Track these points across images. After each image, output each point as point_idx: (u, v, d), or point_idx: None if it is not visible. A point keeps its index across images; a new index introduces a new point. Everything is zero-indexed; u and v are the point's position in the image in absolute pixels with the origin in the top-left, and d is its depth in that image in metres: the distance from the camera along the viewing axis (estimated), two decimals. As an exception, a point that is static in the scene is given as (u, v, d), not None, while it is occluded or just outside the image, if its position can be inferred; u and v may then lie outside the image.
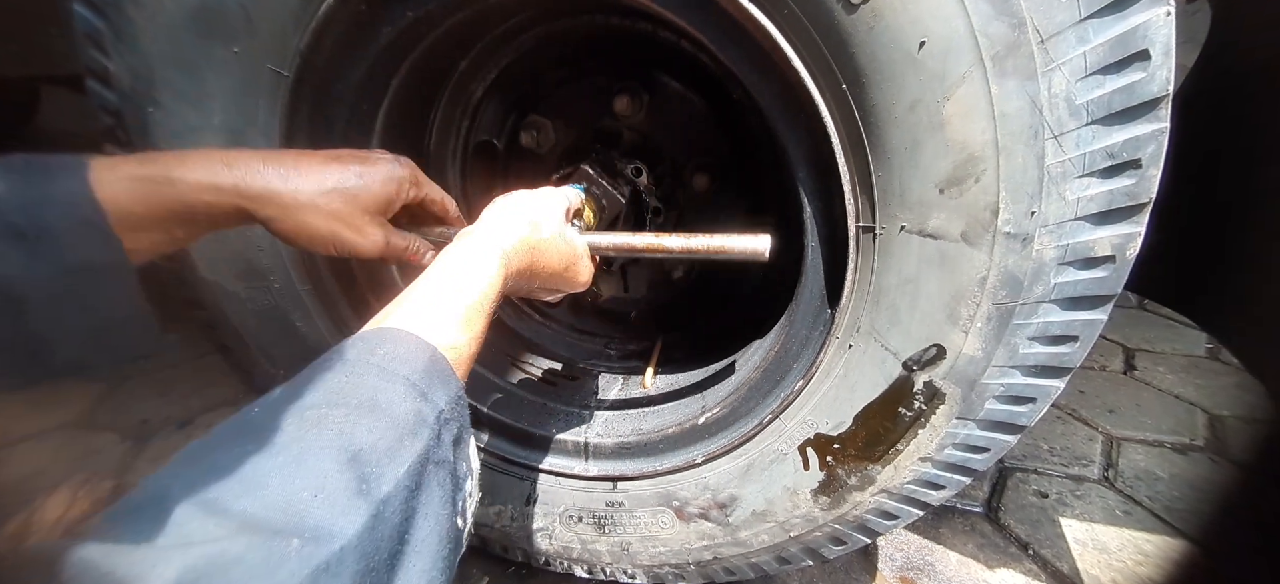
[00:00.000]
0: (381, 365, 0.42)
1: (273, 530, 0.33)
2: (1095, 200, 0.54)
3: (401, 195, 0.65)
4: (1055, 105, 0.52)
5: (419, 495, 0.40)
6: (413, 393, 0.42)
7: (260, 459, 0.35)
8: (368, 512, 0.36)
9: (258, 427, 0.38)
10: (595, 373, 1.08)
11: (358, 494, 0.36)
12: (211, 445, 0.37)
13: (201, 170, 0.52)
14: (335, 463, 0.36)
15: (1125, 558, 1.11)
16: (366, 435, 0.38)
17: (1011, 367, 0.64)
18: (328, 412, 0.39)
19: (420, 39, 0.82)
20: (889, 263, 0.65)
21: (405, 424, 0.41)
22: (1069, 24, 0.49)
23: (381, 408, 0.40)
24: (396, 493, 0.38)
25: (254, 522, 0.32)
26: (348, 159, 0.61)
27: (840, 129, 0.62)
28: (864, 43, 0.56)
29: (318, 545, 0.33)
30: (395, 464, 0.39)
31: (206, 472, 0.35)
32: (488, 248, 0.57)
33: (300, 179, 0.57)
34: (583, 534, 0.93)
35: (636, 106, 1.02)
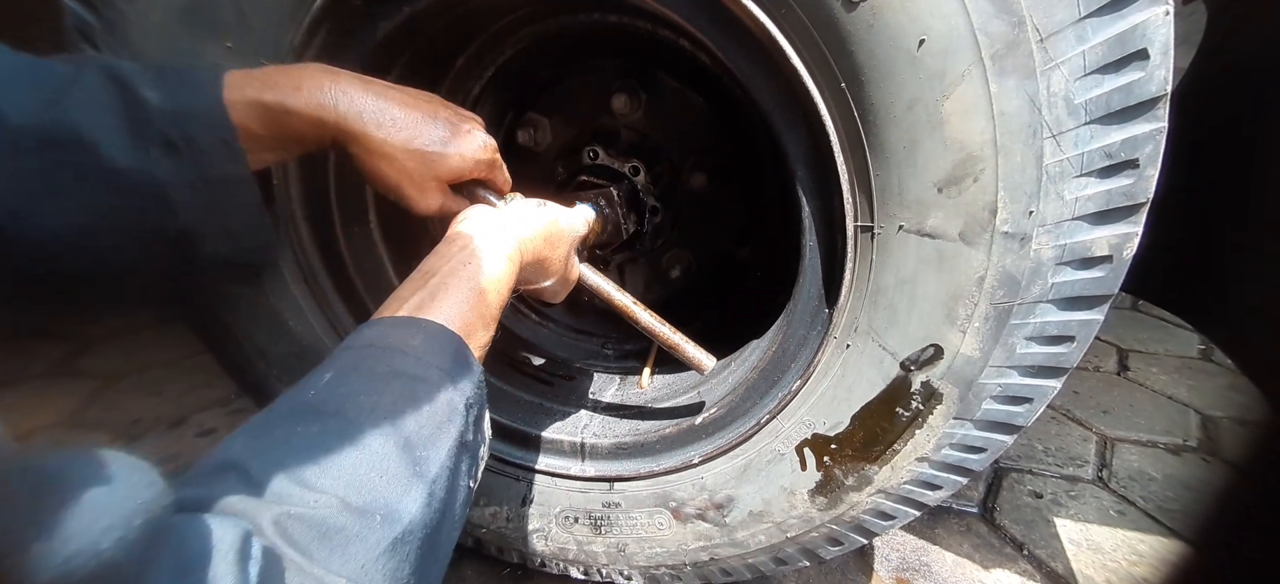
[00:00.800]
0: (418, 356, 0.47)
1: (359, 507, 0.37)
2: (1093, 200, 0.54)
3: (472, 173, 0.68)
4: (1054, 104, 0.52)
5: (455, 475, 0.45)
6: (447, 383, 0.47)
7: (328, 440, 0.39)
8: (424, 491, 0.41)
9: (316, 410, 0.41)
10: (592, 373, 1.08)
11: (415, 476, 0.41)
12: (273, 422, 0.41)
13: (312, 101, 0.57)
14: (394, 447, 0.41)
15: (1119, 558, 1.12)
16: (413, 422, 0.43)
17: (1009, 367, 0.64)
18: (378, 399, 0.43)
19: (416, 35, 0.81)
20: (887, 262, 0.65)
21: (442, 412, 0.45)
22: (1068, 23, 0.49)
23: (421, 397, 0.44)
24: (441, 474, 0.43)
25: (341, 498, 0.37)
26: (441, 120, 0.64)
27: (839, 127, 0.62)
28: (863, 41, 0.56)
29: (393, 521, 0.38)
30: (438, 449, 0.44)
31: (281, 447, 0.38)
32: (509, 244, 0.60)
33: (391, 129, 0.60)
34: (579, 535, 0.93)
35: (634, 105, 1.02)
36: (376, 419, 0.41)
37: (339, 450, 0.39)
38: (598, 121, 1.07)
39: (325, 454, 0.38)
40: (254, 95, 0.54)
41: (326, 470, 0.37)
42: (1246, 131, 0.88)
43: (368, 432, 0.41)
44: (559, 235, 0.71)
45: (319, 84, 0.57)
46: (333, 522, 0.35)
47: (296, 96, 0.55)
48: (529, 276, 0.68)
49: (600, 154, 1.02)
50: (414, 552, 0.40)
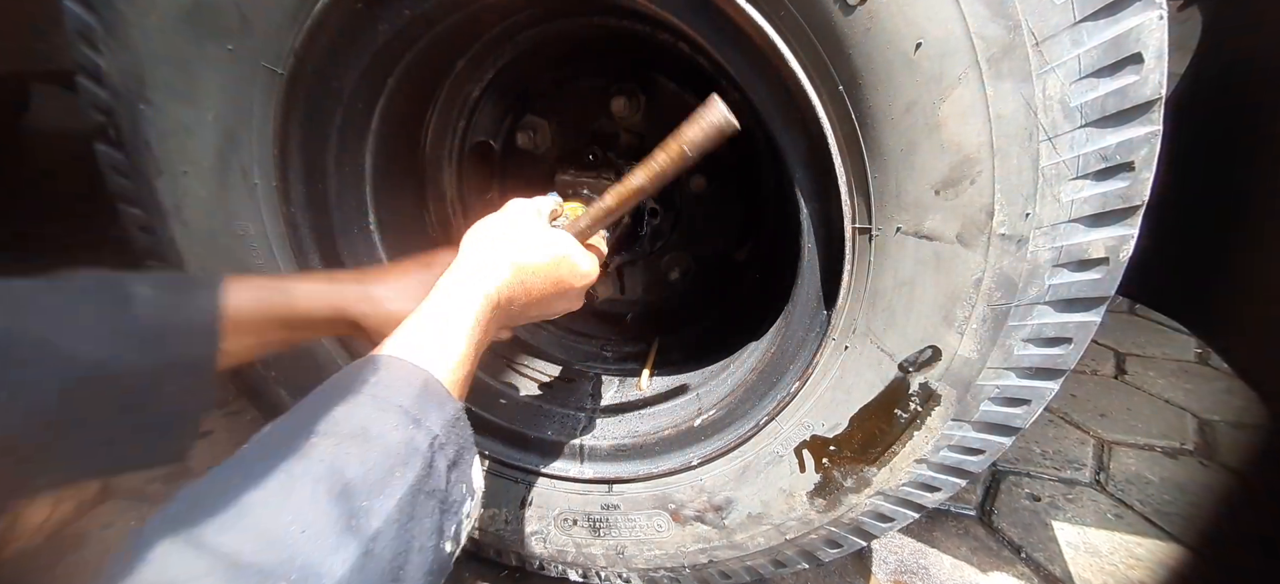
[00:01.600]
0: (373, 393, 0.42)
1: (261, 571, 0.31)
2: (1089, 202, 0.55)
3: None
4: (1050, 107, 0.52)
5: (411, 527, 0.39)
6: (405, 420, 0.42)
7: (247, 491, 0.34)
8: (358, 549, 0.35)
9: (247, 459, 0.37)
10: (591, 375, 1.08)
11: (347, 530, 0.35)
12: (203, 481, 0.36)
13: (308, 283, 0.60)
14: (324, 495, 0.35)
15: (1117, 561, 1.12)
16: (357, 467, 0.38)
17: (1006, 368, 0.64)
18: (317, 442, 0.38)
19: (417, 38, 0.81)
20: (885, 264, 0.65)
21: (397, 454, 0.40)
22: (1064, 27, 0.50)
23: (372, 437, 0.39)
24: (387, 527, 0.37)
25: (238, 559, 0.31)
26: (417, 260, 0.71)
27: (837, 130, 0.62)
28: (861, 44, 0.56)
29: (311, 581, 0.32)
30: (386, 497, 0.38)
31: (191, 506, 0.34)
32: (469, 284, 0.56)
33: (385, 279, 0.66)
34: (578, 538, 0.93)
35: (633, 108, 1.02)
36: (311, 463, 0.37)
37: (256, 503, 0.34)
38: (597, 124, 1.07)
39: (239, 510, 0.34)
40: (257, 281, 0.57)
41: (232, 526, 0.33)
42: (1241, 136, 0.88)
43: (296, 477, 0.36)
44: (522, 240, 0.64)
45: (320, 275, 0.61)
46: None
47: (301, 283, 0.59)
48: (528, 313, 0.66)
49: (600, 156, 1.02)
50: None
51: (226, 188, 0.79)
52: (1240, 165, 0.88)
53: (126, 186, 0.81)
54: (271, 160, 0.77)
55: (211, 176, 0.78)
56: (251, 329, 0.57)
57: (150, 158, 0.78)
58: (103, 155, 0.80)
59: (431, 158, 1.03)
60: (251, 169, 0.78)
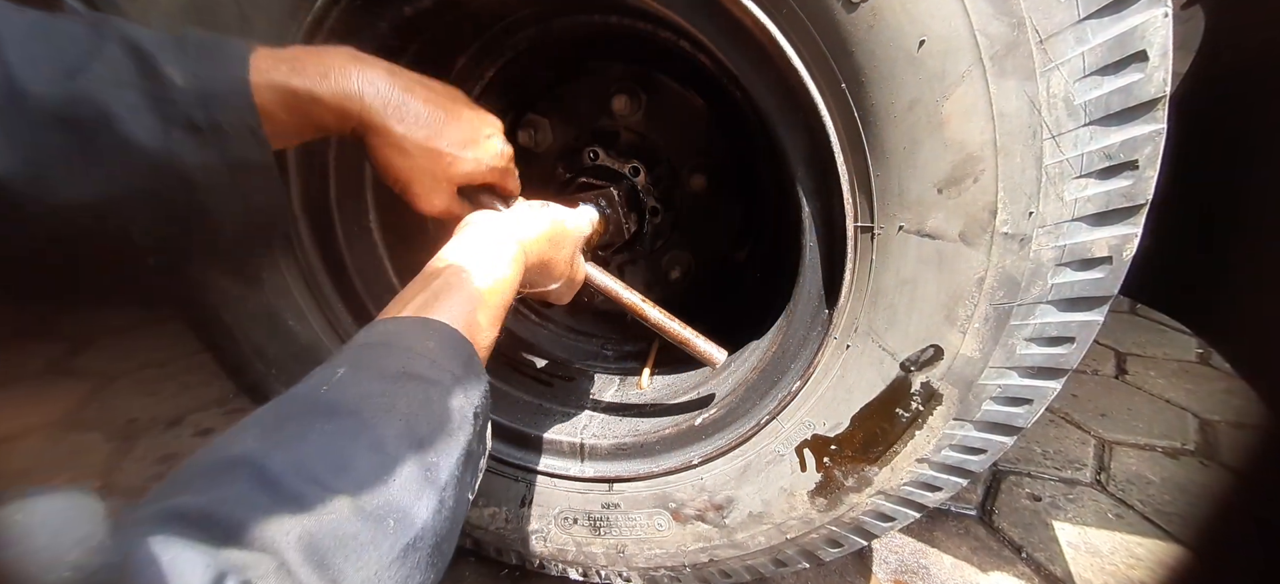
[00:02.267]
0: (432, 358, 0.46)
1: (373, 510, 0.37)
2: (1093, 201, 0.55)
3: (484, 179, 0.68)
4: (1054, 105, 0.52)
5: (462, 482, 0.45)
6: (458, 388, 0.47)
7: (343, 441, 0.39)
8: (435, 498, 0.41)
9: (331, 407, 0.41)
10: (591, 374, 1.08)
11: (426, 482, 0.41)
12: (286, 417, 0.40)
13: (339, 90, 0.56)
14: (408, 451, 0.40)
15: (1117, 561, 1.12)
16: (426, 427, 0.43)
17: (1009, 368, 0.64)
18: (393, 401, 0.42)
19: (417, 34, 0.81)
20: (887, 263, 0.65)
21: (453, 419, 0.45)
22: (1068, 24, 0.50)
23: (434, 402, 0.44)
24: (450, 481, 0.43)
25: (355, 501, 0.36)
26: (463, 121, 0.64)
27: (839, 128, 0.62)
28: (863, 41, 0.56)
29: (406, 526, 0.38)
30: (448, 456, 0.43)
31: (296, 444, 0.38)
32: (514, 247, 0.61)
33: (412, 124, 0.60)
34: (578, 536, 0.92)
35: (634, 106, 1.02)
36: (392, 421, 0.41)
37: (354, 451, 0.38)
38: (598, 123, 1.07)
39: (340, 455, 0.38)
40: (281, 80, 0.53)
41: (342, 471, 0.37)
42: (1245, 136, 0.88)
43: (383, 433, 0.40)
44: (563, 237, 0.71)
45: (346, 71, 0.56)
46: (347, 529, 0.35)
47: (324, 84, 0.55)
48: (534, 280, 0.68)
49: (600, 155, 1.02)
50: (424, 559, 0.40)
51: (226, 185, 0.78)
52: (1243, 165, 0.88)
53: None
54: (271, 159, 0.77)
55: (211, 174, 0.78)
56: (284, 133, 0.55)
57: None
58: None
59: (432, 156, 1.03)
60: (251, 167, 0.77)
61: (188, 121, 0.49)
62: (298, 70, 0.54)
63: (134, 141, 0.47)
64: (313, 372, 0.44)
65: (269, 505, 0.34)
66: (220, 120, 0.50)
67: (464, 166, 0.64)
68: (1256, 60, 0.86)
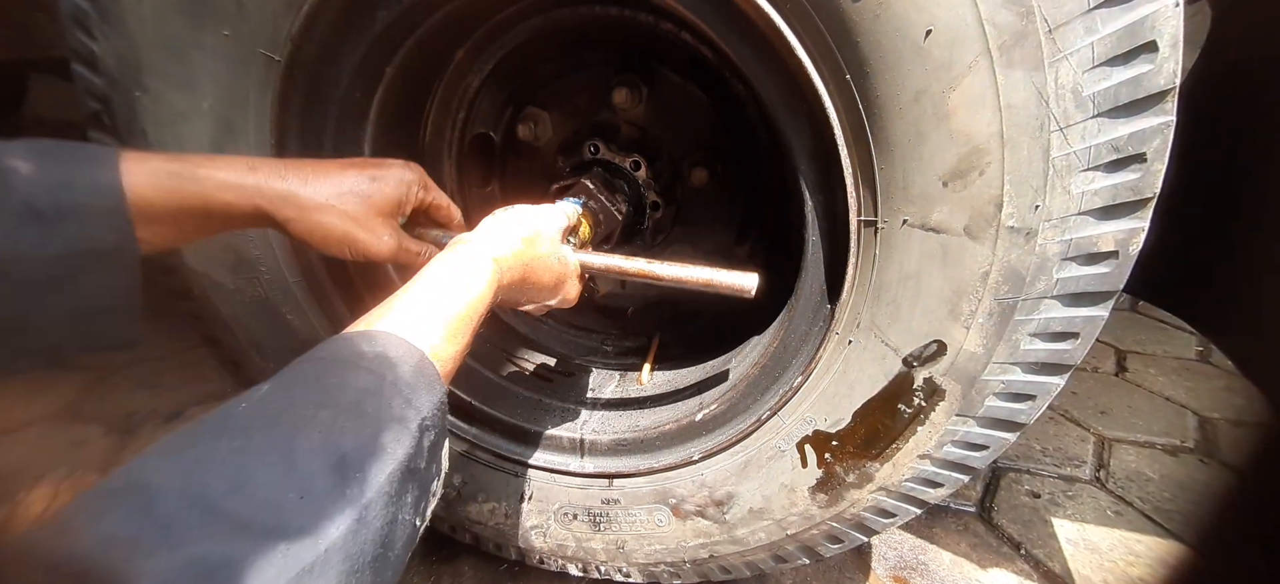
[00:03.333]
0: (371, 369, 0.43)
1: (260, 531, 0.33)
2: (1100, 194, 0.54)
3: (411, 198, 0.67)
4: (1062, 97, 0.52)
5: (397, 501, 0.41)
6: (398, 399, 0.43)
7: (247, 458, 0.36)
8: (352, 515, 0.37)
9: (245, 423, 0.38)
10: (591, 369, 1.07)
11: (343, 499, 0.37)
12: (194, 438, 0.37)
13: (225, 171, 0.54)
14: (321, 465, 0.37)
15: (1116, 558, 1.12)
16: (352, 440, 0.39)
17: (1012, 363, 0.63)
18: (315, 413, 0.39)
19: (416, 26, 0.80)
20: (891, 257, 0.64)
21: (390, 430, 0.41)
22: (1078, 14, 0.49)
23: (367, 413, 0.41)
24: (377, 498, 0.39)
25: (242, 522, 0.33)
26: (361, 165, 0.64)
27: (843, 120, 0.61)
28: (869, 31, 0.55)
29: (303, 548, 0.34)
30: (378, 470, 0.39)
31: (193, 465, 0.35)
32: (482, 259, 0.58)
33: (317, 182, 0.59)
34: (578, 532, 0.92)
35: (635, 99, 1.01)
36: (309, 433, 0.38)
37: (256, 468, 0.35)
38: (598, 116, 1.06)
39: (239, 472, 0.35)
40: (157, 165, 0.51)
41: (236, 491, 0.34)
42: (1250, 132, 0.87)
43: (295, 447, 0.37)
44: (538, 236, 0.68)
45: (232, 158, 0.56)
46: (220, 554, 0.32)
47: (207, 166, 0.54)
48: (524, 295, 0.67)
49: (601, 148, 1.01)
50: (338, 579, 0.36)
51: (223, 177, 0.78)
52: (1248, 161, 0.87)
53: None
54: (268, 149, 0.76)
55: (208, 165, 0.77)
56: (162, 218, 0.52)
57: (146, 146, 0.77)
58: (98, 143, 0.78)
59: (431, 149, 1.02)
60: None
61: (29, 210, 0.46)
62: (178, 158, 0.53)
63: None
64: (242, 393, 0.42)
65: (143, 538, 0.31)
66: (72, 205, 0.48)
67: (385, 190, 0.64)
68: (1263, 56, 0.85)
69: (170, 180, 0.51)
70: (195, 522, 0.32)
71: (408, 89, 0.89)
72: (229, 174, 0.54)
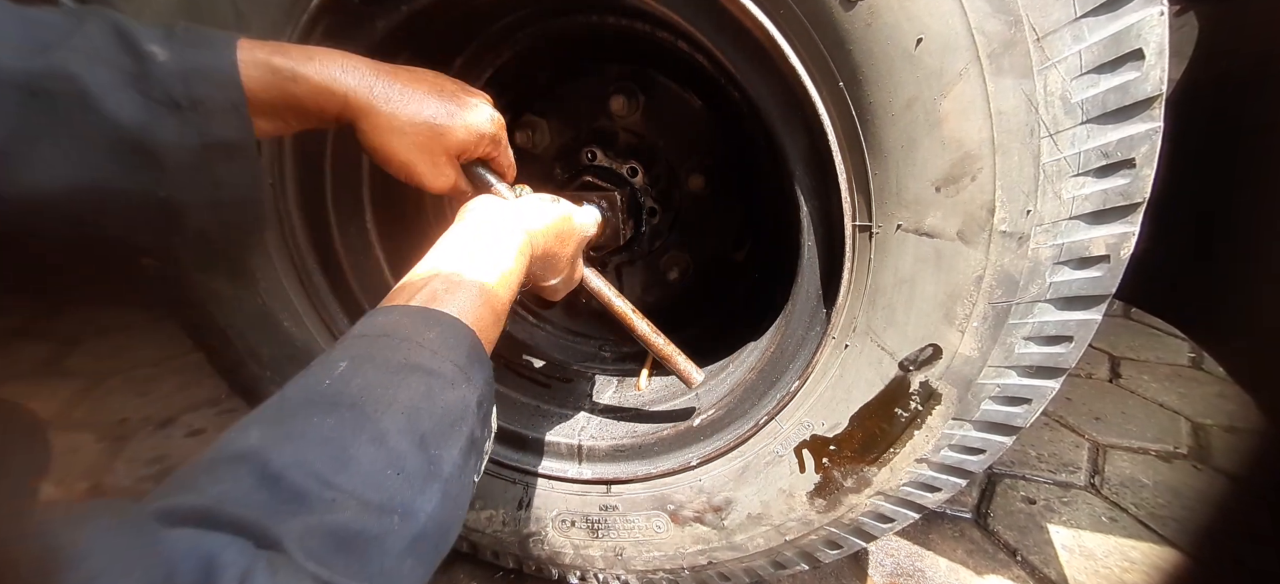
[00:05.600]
0: (434, 349, 0.46)
1: (377, 506, 0.37)
2: (1090, 199, 0.55)
3: (480, 148, 0.67)
4: (1051, 103, 0.53)
5: (465, 471, 0.45)
6: (460, 378, 0.46)
7: (345, 436, 0.38)
8: (439, 490, 0.41)
9: (333, 400, 0.40)
10: (589, 375, 1.07)
11: (430, 475, 0.41)
12: (289, 411, 0.40)
13: (323, 72, 0.55)
14: (410, 444, 0.40)
15: (1111, 564, 1.12)
16: (428, 419, 0.42)
17: (1007, 367, 0.64)
18: (395, 394, 0.42)
19: (414, 35, 0.81)
20: (885, 262, 0.65)
21: (456, 409, 0.45)
22: (1065, 22, 0.50)
23: (436, 393, 0.44)
24: (454, 472, 0.43)
25: (358, 496, 0.36)
26: (448, 94, 0.64)
27: (837, 127, 0.62)
28: (861, 39, 0.56)
29: (410, 520, 0.38)
30: (451, 446, 0.43)
31: (299, 440, 0.37)
32: (522, 240, 0.61)
33: (399, 102, 0.59)
34: (576, 539, 0.92)
35: (632, 107, 1.02)
36: (394, 414, 0.41)
37: (357, 445, 0.38)
38: (596, 123, 1.07)
39: (343, 449, 0.38)
40: (264, 58, 0.53)
41: (345, 467, 0.37)
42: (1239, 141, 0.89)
43: (385, 427, 0.40)
44: (569, 232, 0.71)
45: (329, 57, 0.56)
46: (353, 525, 0.35)
47: (308, 65, 0.55)
48: (536, 272, 0.68)
49: (599, 155, 1.02)
50: (430, 550, 0.40)
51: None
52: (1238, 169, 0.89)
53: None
54: (268, 157, 0.76)
55: (206, 171, 0.77)
56: (270, 111, 0.55)
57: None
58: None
59: (429, 156, 1.02)
60: (247, 164, 0.77)
61: (168, 97, 0.48)
62: (281, 51, 0.54)
63: (108, 117, 0.46)
64: (313, 363, 0.44)
65: (271, 503, 0.33)
66: (203, 97, 0.50)
67: (457, 134, 0.63)
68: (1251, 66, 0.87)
69: (274, 78, 0.53)
70: (319, 493, 0.35)
71: (406, 97, 0.90)
72: (324, 77, 0.55)
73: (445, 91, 0.63)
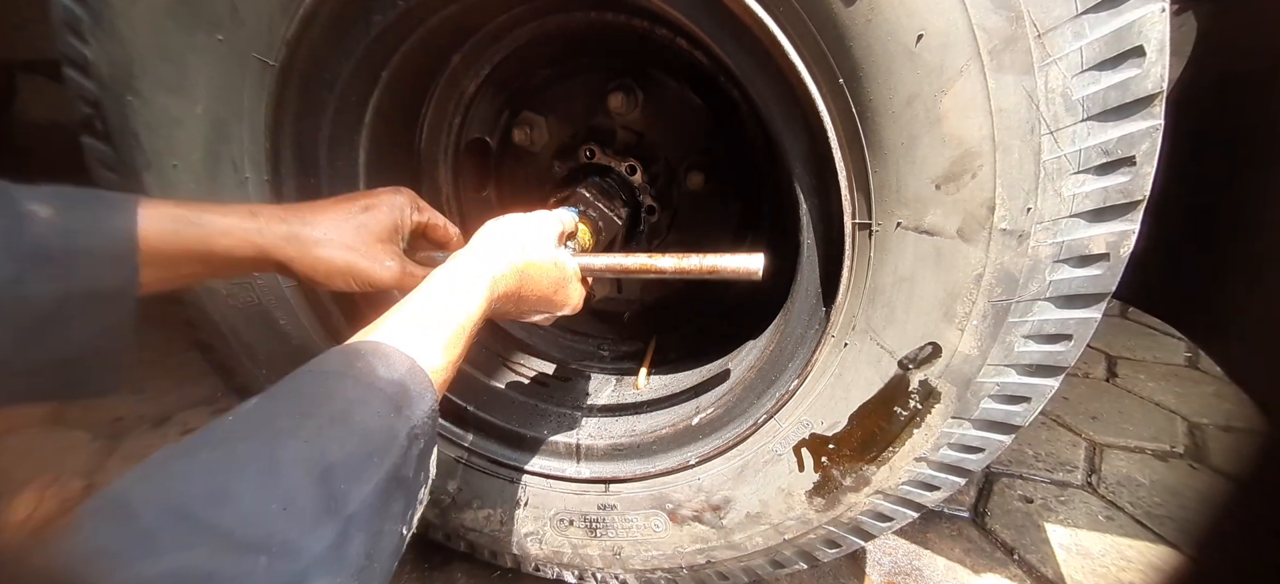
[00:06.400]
0: (358, 377, 0.43)
1: (241, 544, 0.33)
2: (1090, 197, 0.55)
3: (406, 221, 0.68)
4: (1052, 100, 0.52)
5: (383, 512, 0.40)
6: (388, 407, 0.43)
7: (231, 469, 0.36)
8: (336, 529, 0.36)
9: (230, 435, 0.38)
10: (588, 374, 1.07)
11: (326, 511, 0.36)
12: (181, 452, 0.37)
13: (228, 217, 0.56)
14: (306, 477, 0.37)
15: (1108, 563, 1.12)
16: (338, 450, 0.39)
17: (1007, 365, 0.64)
18: (300, 422, 0.39)
19: (412, 31, 0.80)
20: (885, 260, 0.65)
21: (377, 439, 0.41)
22: (1066, 19, 0.50)
23: (355, 422, 0.40)
24: (363, 510, 0.38)
25: (223, 534, 0.33)
26: (352, 199, 0.66)
27: (837, 124, 0.62)
28: (861, 36, 0.56)
29: (285, 561, 0.34)
30: (363, 481, 0.39)
31: (175, 478, 0.35)
32: (475, 273, 0.58)
33: (315, 219, 0.60)
34: (574, 538, 0.91)
35: (631, 104, 1.01)
36: (292, 443, 0.38)
37: (239, 480, 0.35)
38: (594, 120, 1.07)
39: (223, 484, 0.35)
40: (167, 211, 0.53)
41: (217, 503, 0.34)
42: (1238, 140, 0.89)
43: (279, 458, 0.37)
44: (532, 242, 0.68)
45: (236, 206, 0.58)
46: (202, 567, 0.32)
47: (210, 212, 0.56)
48: (526, 307, 0.67)
49: (597, 153, 1.01)
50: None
51: (216, 182, 0.77)
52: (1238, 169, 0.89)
53: (114, 180, 0.79)
54: (263, 154, 0.76)
55: (201, 170, 0.77)
56: (165, 262, 0.53)
57: (138, 151, 0.76)
58: (90, 148, 0.78)
59: (426, 154, 1.02)
60: (242, 163, 0.76)
61: (38, 252, 0.47)
62: (184, 205, 0.55)
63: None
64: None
65: (120, 550, 0.31)
66: (85, 246, 0.49)
67: (382, 218, 0.65)
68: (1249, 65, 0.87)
69: (174, 224, 0.53)
70: (176, 533, 0.32)
71: (403, 93, 0.89)
72: (230, 220, 0.56)
73: (346, 198, 0.66)
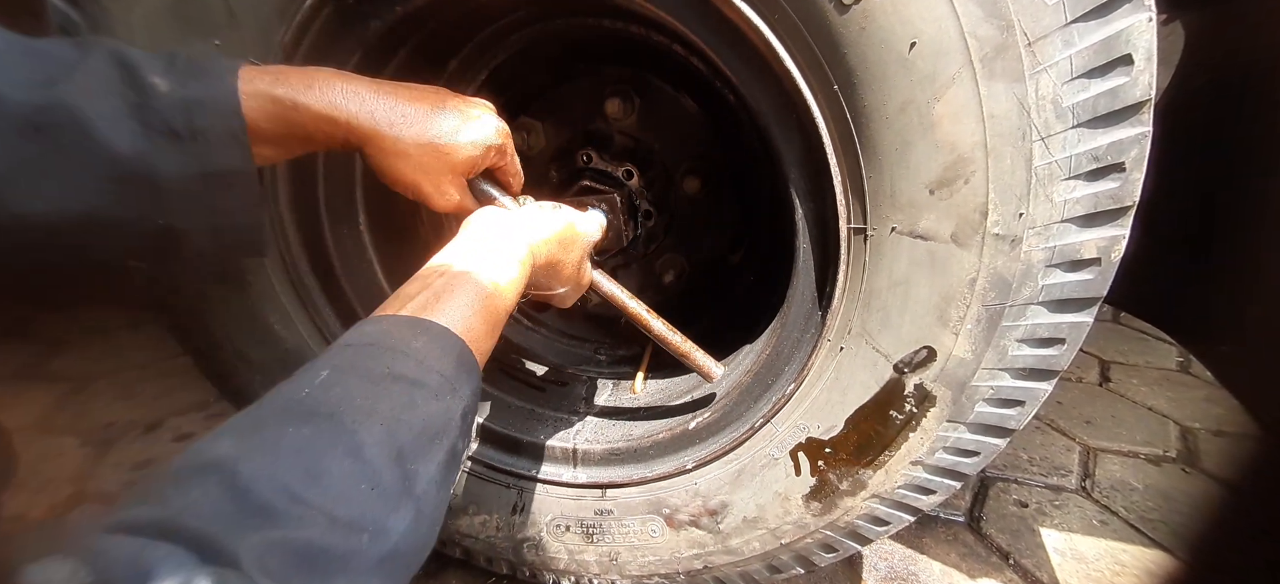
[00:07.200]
0: (419, 360, 0.45)
1: (346, 523, 0.36)
2: (1081, 202, 0.55)
3: (486, 160, 0.67)
4: (1042, 108, 0.53)
5: (442, 487, 0.44)
6: (446, 390, 0.45)
7: (319, 448, 0.37)
8: (413, 508, 0.40)
9: (309, 410, 0.39)
10: (584, 378, 1.07)
11: (404, 492, 0.40)
12: (263, 421, 0.39)
13: (323, 99, 0.56)
14: (385, 458, 0.39)
15: (1103, 568, 1.13)
16: (407, 432, 0.41)
17: (1001, 369, 0.64)
18: (374, 405, 0.41)
19: (408, 37, 0.81)
20: (880, 264, 0.65)
21: (438, 421, 0.44)
22: (1055, 28, 0.51)
23: (418, 405, 0.43)
24: (429, 488, 0.42)
25: (327, 511, 0.35)
26: (451, 111, 0.63)
27: (832, 130, 0.62)
28: (855, 43, 0.57)
29: (381, 539, 0.37)
30: (429, 461, 0.42)
31: (270, 451, 0.36)
32: (521, 252, 0.60)
33: (402, 125, 0.59)
34: (570, 544, 0.91)
35: (628, 109, 1.02)
36: (372, 426, 0.40)
37: (330, 459, 0.37)
38: (591, 125, 1.07)
39: (315, 462, 0.36)
40: (265, 88, 0.53)
41: (316, 481, 0.36)
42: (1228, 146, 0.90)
43: (362, 440, 0.39)
44: (573, 240, 0.70)
45: (330, 83, 0.56)
46: (317, 543, 0.34)
47: (308, 93, 0.55)
48: (540, 281, 0.67)
49: (594, 158, 1.02)
50: (399, 570, 0.39)
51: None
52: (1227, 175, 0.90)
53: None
54: (259, 157, 0.76)
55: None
56: (270, 140, 0.55)
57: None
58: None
59: (423, 158, 1.02)
60: (239, 165, 0.76)
61: (168, 128, 0.49)
62: (281, 80, 0.54)
63: (108, 149, 0.47)
64: (297, 372, 0.43)
65: (236, 516, 0.32)
66: (203, 126, 0.50)
67: (463, 152, 0.63)
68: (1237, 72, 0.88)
69: (275, 107, 0.53)
70: (286, 507, 0.34)
71: (400, 99, 0.89)
72: (325, 104, 0.56)
73: (448, 109, 0.63)
